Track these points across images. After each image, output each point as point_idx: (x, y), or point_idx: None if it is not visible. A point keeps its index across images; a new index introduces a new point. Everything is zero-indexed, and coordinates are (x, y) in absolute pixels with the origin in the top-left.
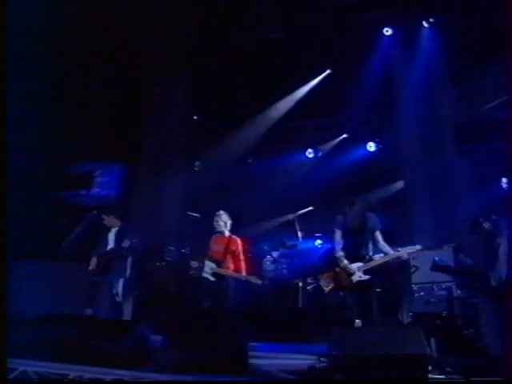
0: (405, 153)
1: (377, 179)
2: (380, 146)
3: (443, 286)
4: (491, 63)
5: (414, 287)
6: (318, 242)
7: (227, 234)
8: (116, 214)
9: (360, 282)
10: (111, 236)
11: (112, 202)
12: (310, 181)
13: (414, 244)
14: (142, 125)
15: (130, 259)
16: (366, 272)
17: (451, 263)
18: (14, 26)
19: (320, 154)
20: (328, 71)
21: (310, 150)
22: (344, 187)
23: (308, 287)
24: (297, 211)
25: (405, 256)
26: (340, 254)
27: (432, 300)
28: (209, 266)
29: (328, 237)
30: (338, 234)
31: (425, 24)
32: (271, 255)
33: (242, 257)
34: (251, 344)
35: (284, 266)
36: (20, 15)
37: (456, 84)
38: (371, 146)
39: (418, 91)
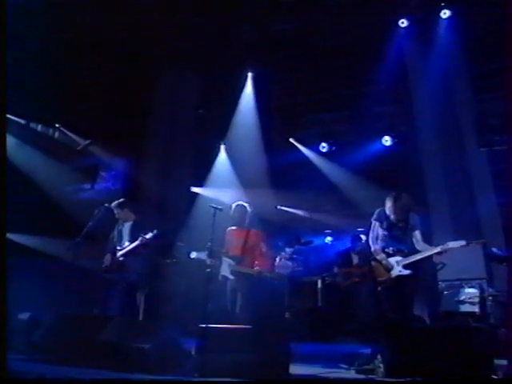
0: (422, 146)
1: (393, 174)
2: (396, 140)
3: (473, 284)
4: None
5: (442, 284)
6: (329, 238)
7: (245, 226)
8: (130, 207)
9: (400, 276)
10: (125, 231)
11: (117, 197)
12: (322, 176)
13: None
14: (148, 118)
15: (146, 255)
16: (405, 266)
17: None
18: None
19: (334, 148)
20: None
21: (323, 144)
22: (358, 183)
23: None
24: (308, 206)
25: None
26: (377, 247)
27: (463, 298)
28: (227, 263)
29: (338, 233)
30: (376, 227)
31: (442, 15)
32: (285, 252)
33: (262, 252)
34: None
35: (299, 263)
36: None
37: (474, 77)
38: (387, 140)
39: (434, 84)
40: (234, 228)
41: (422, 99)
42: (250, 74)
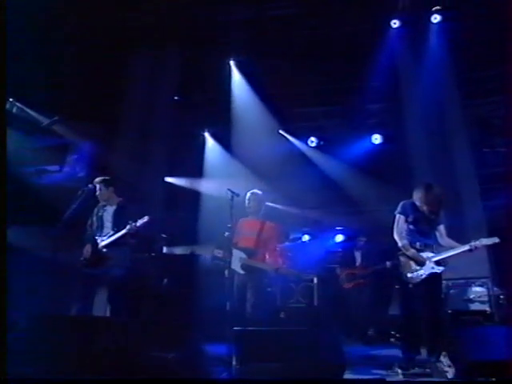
0: (410, 146)
1: (381, 172)
2: (386, 139)
3: (480, 282)
4: (498, 62)
5: (445, 283)
6: (306, 237)
7: (260, 218)
8: (116, 187)
9: (432, 273)
10: (107, 217)
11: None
12: (310, 170)
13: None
14: (123, 102)
15: (132, 246)
16: (437, 263)
17: None
18: None
19: (322, 143)
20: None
21: (312, 139)
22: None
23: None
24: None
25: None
26: (405, 242)
27: (472, 297)
28: (237, 255)
29: (321, 231)
30: (401, 221)
31: (432, 20)
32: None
33: (276, 247)
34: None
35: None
36: None
37: (461, 82)
38: (377, 139)
39: (423, 86)
40: (247, 218)
41: (412, 100)
42: (232, 62)
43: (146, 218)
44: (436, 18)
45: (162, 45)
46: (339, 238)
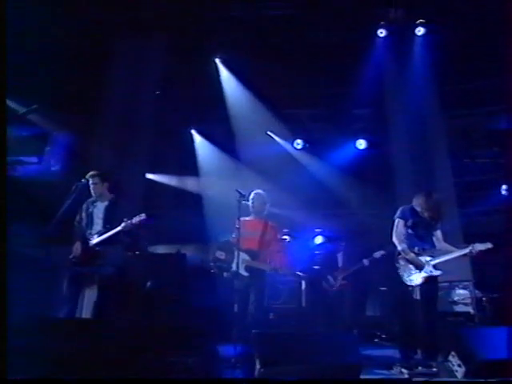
0: (394, 152)
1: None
2: (370, 144)
3: (463, 285)
4: (479, 75)
5: None
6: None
7: (263, 218)
8: (111, 182)
9: (430, 276)
10: (98, 213)
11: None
12: (296, 173)
13: None
14: (105, 94)
15: (124, 245)
16: (435, 266)
17: None
18: None
19: (308, 145)
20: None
21: (298, 141)
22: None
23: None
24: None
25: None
26: (405, 246)
27: (456, 299)
28: (240, 257)
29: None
30: (400, 225)
31: (417, 32)
32: None
33: (278, 248)
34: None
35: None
36: None
37: (444, 92)
38: (361, 144)
39: (408, 95)
40: (249, 218)
41: (396, 108)
42: (218, 60)
43: (142, 216)
44: (420, 31)
45: (149, 35)
46: (318, 239)
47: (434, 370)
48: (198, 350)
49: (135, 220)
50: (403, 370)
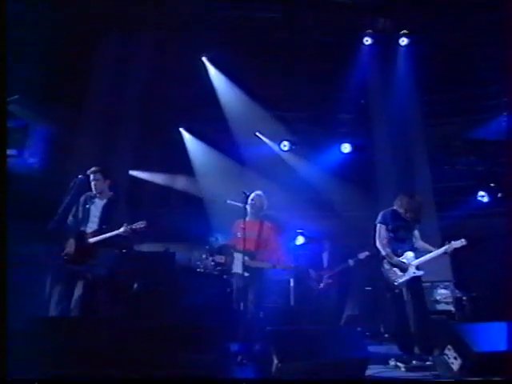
0: (378, 156)
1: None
2: (354, 149)
3: (442, 286)
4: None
5: None
6: None
7: (258, 218)
8: (112, 179)
9: (414, 277)
10: (95, 210)
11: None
12: (283, 175)
13: None
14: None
15: (118, 247)
16: (417, 267)
17: None
18: None
19: (294, 147)
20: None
21: (285, 143)
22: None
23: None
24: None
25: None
26: (388, 250)
27: (439, 298)
28: (239, 258)
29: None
30: (382, 230)
31: (400, 42)
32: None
33: (275, 247)
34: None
35: None
36: None
37: (426, 101)
38: (346, 148)
39: (391, 102)
40: (245, 219)
41: (380, 114)
42: (204, 58)
43: (143, 223)
44: (404, 41)
45: (137, 29)
46: (300, 239)
47: (430, 363)
48: (206, 348)
49: (136, 226)
50: (399, 363)
